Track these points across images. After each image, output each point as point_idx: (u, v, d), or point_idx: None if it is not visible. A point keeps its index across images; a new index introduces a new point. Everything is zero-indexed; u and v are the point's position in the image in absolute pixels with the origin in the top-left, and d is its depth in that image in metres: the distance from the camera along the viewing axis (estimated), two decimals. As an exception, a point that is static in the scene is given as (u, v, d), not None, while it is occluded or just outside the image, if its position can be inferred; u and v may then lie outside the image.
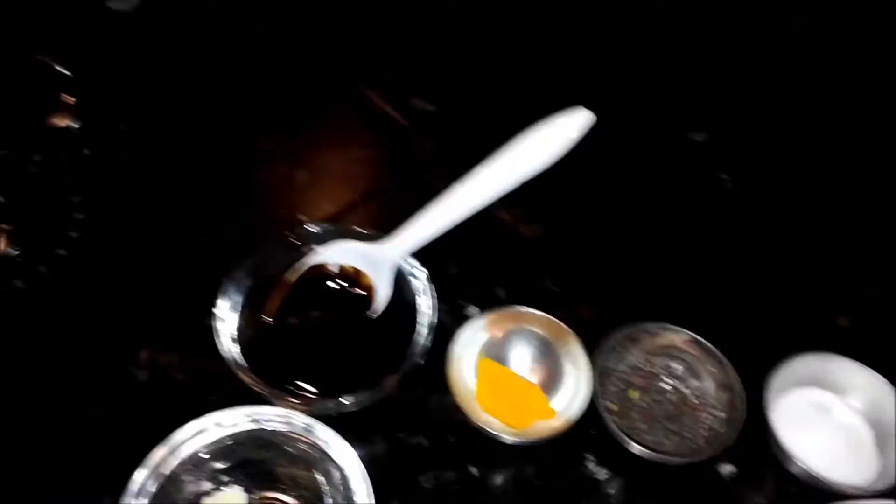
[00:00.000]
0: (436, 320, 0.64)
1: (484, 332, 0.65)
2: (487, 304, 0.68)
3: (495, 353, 0.66)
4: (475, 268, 0.74)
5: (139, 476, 0.54)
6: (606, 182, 0.81)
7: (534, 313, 0.65)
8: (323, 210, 0.78)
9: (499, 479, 0.61)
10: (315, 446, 0.57)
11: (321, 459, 0.57)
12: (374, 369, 0.62)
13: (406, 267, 0.67)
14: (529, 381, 0.65)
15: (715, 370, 0.63)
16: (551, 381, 0.64)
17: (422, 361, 0.62)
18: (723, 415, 0.61)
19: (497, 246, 0.76)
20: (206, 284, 0.67)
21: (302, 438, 0.57)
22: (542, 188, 0.63)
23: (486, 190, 0.63)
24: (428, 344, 0.62)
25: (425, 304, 0.65)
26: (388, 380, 0.61)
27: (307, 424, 0.57)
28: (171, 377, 0.66)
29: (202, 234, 0.76)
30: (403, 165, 0.84)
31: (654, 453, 0.58)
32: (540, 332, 0.65)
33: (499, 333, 0.66)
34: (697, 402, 0.63)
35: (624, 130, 0.83)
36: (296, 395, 0.61)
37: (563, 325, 0.64)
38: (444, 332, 0.66)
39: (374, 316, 0.67)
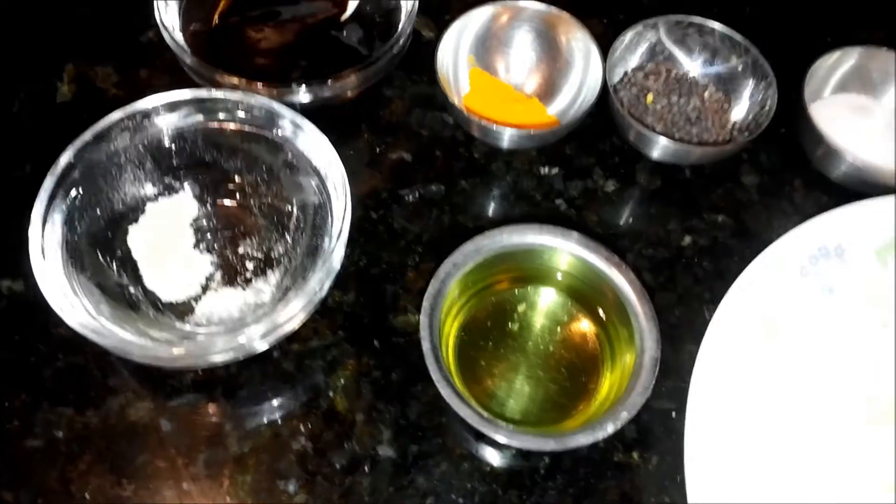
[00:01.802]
0: (415, 7, 0.53)
1: (477, 29, 0.55)
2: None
3: (489, 52, 0.56)
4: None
5: (63, 159, 0.44)
6: None
7: (533, 5, 0.54)
8: None
9: (494, 191, 0.54)
10: (280, 143, 0.48)
11: (288, 161, 0.48)
12: (342, 66, 0.52)
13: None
14: (525, 94, 0.56)
15: (742, 64, 0.54)
16: (553, 83, 0.55)
17: (394, 64, 0.53)
18: (747, 110, 0.54)
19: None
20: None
21: (263, 134, 0.48)
22: None
23: None
24: (404, 41, 0.53)
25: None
26: (357, 74, 0.51)
27: (268, 109, 0.47)
28: (104, 91, 0.56)
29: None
30: None
31: (675, 143, 0.50)
32: (541, 27, 0.55)
33: (494, 29, 0.55)
34: (722, 102, 0.55)
35: None
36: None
37: (570, 16, 0.54)
38: (429, 46, 0.57)
39: (345, 16, 0.57)
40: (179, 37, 0.52)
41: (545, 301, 0.47)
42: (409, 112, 0.57)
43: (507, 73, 0.56)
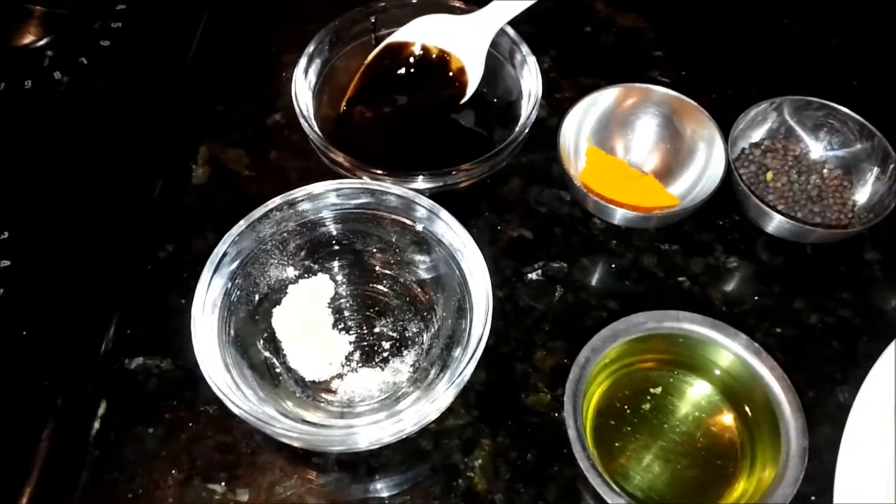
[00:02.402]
0: (539, 94, 0.55)
1: (599, 108, 0.57)
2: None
3: (608, 132, 0.58)
4: (571, 64, 0.65)
5: (220, 248, 0.47)
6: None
7: (660, 90, 0.56)
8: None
9: (616, 268, 0.55)
10: (413, 227, 0.50)
11: (421, 244, 0.51)
12: (465, 156, 0.54)
13: (503, 43, 0.59)
14: (642, 172, 0.58)
15: (867, 147, 0.55)
16: (674, 165, 0.57)
17: (517, 149, 0.55)
18: (871, 193, 0.54)
19: (594, 39, 0.67)
20: (273, 71, 0.62)
21: (397, 218, 0.50)
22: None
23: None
24: (527, 128, 0.55)
25: (528, 83, 0.57)
26: (481, 165, 0.54)
27: (402, 195, 0.49)
28: (237, 173, 0.59)
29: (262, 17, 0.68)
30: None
31: (792, 223, 0.51)
32: (666, 111, 0.57)
33: (616, 110, 0.57)
34: (842, 180, 0.55)
35: None
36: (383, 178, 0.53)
37: (692, 101, 0.55)
38: (543, 123, 0.59)
39: (464, 100, 0.59)
40: (314, 124, 0.55)
41: (684, 385, 0.48)
42: (527, 189, 0.58)
43: (627, 154, 0.58)
